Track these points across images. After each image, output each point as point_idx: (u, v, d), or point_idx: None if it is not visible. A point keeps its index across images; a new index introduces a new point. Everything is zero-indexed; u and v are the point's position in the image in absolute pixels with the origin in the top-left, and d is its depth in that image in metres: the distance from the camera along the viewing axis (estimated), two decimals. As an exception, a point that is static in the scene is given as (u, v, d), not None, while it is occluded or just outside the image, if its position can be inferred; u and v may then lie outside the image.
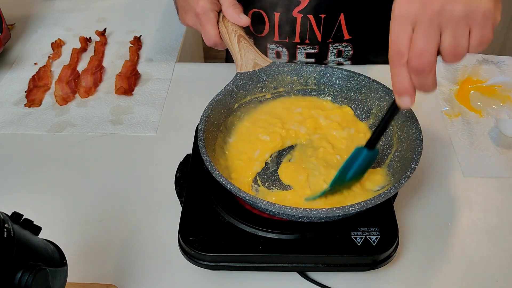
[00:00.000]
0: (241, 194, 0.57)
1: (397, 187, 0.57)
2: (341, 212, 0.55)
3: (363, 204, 0.55)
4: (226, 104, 0.71)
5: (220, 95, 0.70)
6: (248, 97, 0.74)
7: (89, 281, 0.63)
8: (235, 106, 0.73)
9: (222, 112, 0.71)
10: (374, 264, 0.59)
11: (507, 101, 0.85)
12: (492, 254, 0.65)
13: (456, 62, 0.54)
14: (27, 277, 0.40)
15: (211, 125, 0.68)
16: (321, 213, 0.54)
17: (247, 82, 0.73)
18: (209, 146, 0.65)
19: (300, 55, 0.92)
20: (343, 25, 0.86)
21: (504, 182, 0.73)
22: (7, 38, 1.01)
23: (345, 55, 0.92)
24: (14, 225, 0.42)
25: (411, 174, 0.59)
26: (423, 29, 0.50)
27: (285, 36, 0.90)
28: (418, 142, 0.63)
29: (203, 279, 0.63)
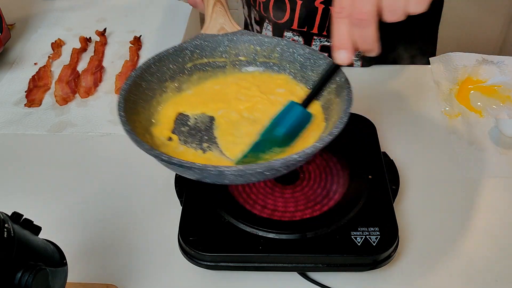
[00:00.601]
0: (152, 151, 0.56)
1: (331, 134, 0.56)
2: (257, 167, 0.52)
3: (302, 152, 0.52)
4: (178, 60, 0.71)
5: (171, 49, 0.70)
6: (205, 59, 0.72)
7: (89, 281, 0.63)
8: (188, 65, 0.72)
9: (171, 67, 0.70)
10: (374, 264, 0.59)
11: (507, 101, 0.85)
12: (492, 254, 0.65)
13: (394, 19, 0.53)
14: (27, 277, 0.40)
15: (151, 75, 0.68)
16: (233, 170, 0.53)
17: (206, 44, 0.72)
18: (140, 94, 0.66)
19: (315, 46, 0.93)
20: None
21: (504, 182, 0.73)
22: (7, 38, 1.01)
23: (357, 53, 0.92)
24: (14, 225, 0.42)
25: (345, 119, 0.58)
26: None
27: (304, 25, 0.90)
28: (347, 90, 0.62)
29: (203, 279, 0.63)
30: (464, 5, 1.60)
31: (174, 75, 0.71)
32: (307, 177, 0.67)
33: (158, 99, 0.69)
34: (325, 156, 0.70)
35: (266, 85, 0.72)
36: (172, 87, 0.71)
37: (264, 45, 0.72)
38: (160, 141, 0.65)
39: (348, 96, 0.61)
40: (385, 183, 0.65)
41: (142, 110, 0.66)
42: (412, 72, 0.93)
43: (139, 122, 0.64)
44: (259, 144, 0.60)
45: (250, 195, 0.65)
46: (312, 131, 0.64)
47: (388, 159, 0.71)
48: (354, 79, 0.91)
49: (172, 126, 0.68)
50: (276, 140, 0.60)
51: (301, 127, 0.61)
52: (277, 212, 0.63)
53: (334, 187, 0.66)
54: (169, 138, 0.66)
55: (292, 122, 0.60)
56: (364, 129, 0.73)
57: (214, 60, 0.73)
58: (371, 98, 0.87)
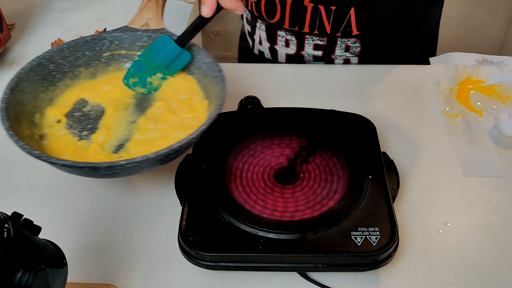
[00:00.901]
0: None
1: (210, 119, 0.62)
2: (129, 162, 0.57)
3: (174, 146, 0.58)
4: (95, 48, 0.74)
5: (89, 37, 0.74)
6: (123, 51, 0.75)
7: (89, 281, 0.63)
8: (105, 54, 0.75)
9: (86, 53, 0.74)
10: (374, 264, 0.59)
11: (507, 101, 0.85)
12: (492, 254, 0.65)
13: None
14: (27, 277, 0.40)
15: (63, 58, 0.72)
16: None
17: (126, 36, 0.75)
18: (45, 75, 0.71)
19: (308, 45, 0.93)
20: (353, 19, 0.87)
21: (504, 182, 0.73)
22: (7, 38, 1.01)
23: (352, 51, 0.92)
24: (14, 225, 0.42)
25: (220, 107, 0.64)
26: None
27: (295, 24, 0.90)
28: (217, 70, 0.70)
29: (203, 279, 0.63)
30: (464, 5, 1.60)
31: (89, 62, 0.75)
32: (307, 177, 0.67)
33: (68, 82, 0.74)
34: (325, 156, 0.70)
35: (173, 88, 0.75)
36: (86, 73, 0.75)
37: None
38: (48, 121, 0.70)
39: (220, 73, 0.69)
40: (385, 183, 0.65)
41: (43, 89, 0.71)
42: (412, 72, 0.93)
43: (34, 101, 0.69)
44: (140, 65, 0.71)
45: (250, 195, 0.65)
46: (196, 111, 0.71)
47: (388, 159, 0.71)
48: (353, 78, 0.92)
49: (69, 109, 0.72)
50: (157, 65, 0.72)
51: (181, 61, 0.72)
52: (277, 212, 0.63)
53: (334, 187, 0.66)
54: (59, 121, 0.71)
55: (168, 53, 0.71)
56: (364, 129, 0.73)
57: (132, 53, 0.76)
58: (371, 98, 0.87)
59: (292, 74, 0.93)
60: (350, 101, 0.85)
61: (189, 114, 0.71)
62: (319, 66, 0.94)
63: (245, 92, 0.79)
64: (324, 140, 0.72)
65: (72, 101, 0.74)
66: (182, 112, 0.72)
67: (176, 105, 0.73)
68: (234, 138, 0.73)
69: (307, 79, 0.92)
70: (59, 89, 0.73)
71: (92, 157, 0.66)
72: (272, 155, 0.71)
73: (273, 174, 0.68)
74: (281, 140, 0.73)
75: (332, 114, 0.76)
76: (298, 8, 0.88)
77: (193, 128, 0.62)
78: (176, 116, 0.72)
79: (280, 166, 0.69)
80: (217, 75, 0.70)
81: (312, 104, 0.78)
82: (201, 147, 0.71)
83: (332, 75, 0.92)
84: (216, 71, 0.70)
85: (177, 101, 0.74)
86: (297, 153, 0.71)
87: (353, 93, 0.88)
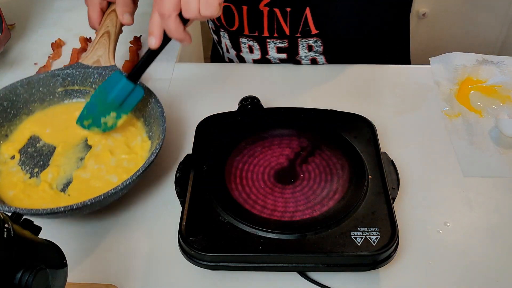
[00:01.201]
0: None
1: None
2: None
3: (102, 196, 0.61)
4: (48, 84, 0.76)
5: (42, 75, 0.75)
6: (76, 86, 0.77)
7: (89, 281, 0.63)
8: (59, 90, 0.77)
9: (40, 90, 0.76)
10: (374, 264, 0.59)
11: (507, 101, 0.85)
12: (492, 254, 0.65)
13: (191, 17, 0.63)
14: (27, 277, 0.40)
15: (17, 96, 0.74)
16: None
17: (77, 73, 0.77)
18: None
19: (271, 49, 0.93)
20: (310, 19, 0.86)
21: (504, 182, 0.73)
22: (7, 38, 1.01)
23: (316, 50, 0.92)
24: (14, 225, 0.42)
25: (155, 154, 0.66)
26: None
27: (254, 29, 0.90)
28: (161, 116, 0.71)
29: (203, 279, 0.63)
30: (464, 5, 1.60)
31: (43, 98, 0.77)
32: (307, 177, 0.67)
33: (22, 117, 0.76)
34: (325, 156, 0.70)
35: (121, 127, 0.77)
36: (40, 108, 0.77)
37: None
38: (3, 157, 0.72)
39: (162, 114, 0.71)
40: (385, 183, 0.65)
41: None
42: (412, 72, 0.93)
43: None
44: (93, 106, 0.71)
45: (250, 195, 0.65)
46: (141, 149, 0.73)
47: (388, 159, 0.71)
48: (353, 78, 0.91)
49: (23, 145, 0.74)
50: (109, 104, 0.72)
51: (134, 98, 0.73)
52: (277, 212, 0.63)
53: (334, 187, 0.66)
54: (13, 156, 0.72)
55: (120, 90, 0.71)
56: (364, 129, 0.74)
57: (85, 88, 0.78)
58: (370, 98, 0.87)
59: (292, 74, 0.93)
60: (350, 101, 0.85)
61: (126, 155, 0.72)
62: (319, 66, 0.94)
63: (245, 92, 0.79)
64: (324, 140, 0.72)
65: (26, 136, 0.75)
66: (119, 152, 0.73)
67: (113, 144, 0.74)
68: (234, 138, 0.73)
69: (307, 79, 0.92)
70: (14, 124, 0.75)
71: (39, 196, 0.68)
72: (272, 155, 0.71)
73: (273, 174, 0.68)
74: (281, 140, 0.73)
75: (332, 114, 0.76)
76: (254, 13, 0.88)
77: (128, 173, 0.65)
78: (114, 156, 0.73)
79: (280, 166, 0.69)
80: (159, 116, 0.72)
81: (312, 104, 0.78)
82: (201, 147, 0.71)
83: (332, 75, 0.92)
84: (159, 112, 0.72)
85: (114, 140, 0.75)
86: (297, 153, 0.71)
87: (353, 93, 0.88)
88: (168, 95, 0.90)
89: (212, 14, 0.62)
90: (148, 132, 0.75)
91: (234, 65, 0.96)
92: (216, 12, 0.62)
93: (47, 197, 0.68)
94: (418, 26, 1.67)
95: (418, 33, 1.68)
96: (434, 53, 0.95)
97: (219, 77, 0.93)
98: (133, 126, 0.77)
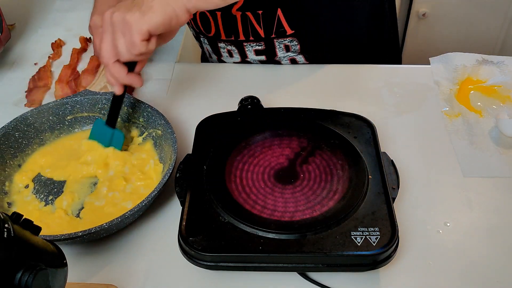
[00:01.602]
0: None
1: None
2: None
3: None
4: (58, 113, 0.78)
5: (51, 103, 0.77)
6: (85, 113, 0.79)
7: (89, 281, 0.63)
8: (68, 117, 0.79)
9: (50, 118, 0.77)
10: (374, 264, 0.59)
11: (507, 101, 0.85)
12: (492, 254, 0.65)
13: (125, 60, 0.67)
14: (27, 277, 0.40)
15: (28, 126, 0.76)
16: None
17: (86, 100, 0.78)
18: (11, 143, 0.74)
19: (249, 52, 0.93)
20: (283, 19, 0.87)
21: (504, 182, 0.73)
22: (7, 38, 1.01)
23: (293, 49, 0.92)
24: (14, 225, 0.42)
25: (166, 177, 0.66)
26: (102, 34, 0.67)
27: (231, 34, 0.91)
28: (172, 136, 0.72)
29: (203, 279, 0.63)
30: (464, 5, 1.60)
31: (53, 126, 0.78)
32: (307, 177, 0.67)
33: (34, 147, 0.77)
34: (325, 156, 0.70)
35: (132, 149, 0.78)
36: (51, 138, 0.78)
37: (135, 108, 0.78)
38: (17, 187, 0.73)
39: (172, 135, 0.72)
40: (385, 183, 0.65)
41: (10, 157, 0.73)
42: (412, 72, 0.93)
43: (3, 170, 0.72)
44: None
45: (250, 195, 0.65)
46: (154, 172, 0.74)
47: (388, 159, 0.71)
48: (353, 78, 0.91)
49: (36, 174, 0.75)
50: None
51: (117, 140, 0.75)
52: (277, 212, 0.63)
53: (334, 187, 0.66)
54: (27, 186, 0.73)
55: (104, 134, 0.75)
56: (364, 129, 0.74)
57: (94, 114, 0.80)
58: (370, 98, 0.87)
59: (292, 74, 0.93)
60: (350, 101, 0.85)
61: (142, 182, 0.72)
62: (319, 66, 0.94)
63: (245, 92, 0.79)
64: (324, 141, 0.72)
65: (39, 166, 0.76)
66: (135, 179, 0.73)
67: (129, 170, 0.75)
68: (234, 138, 0.73)
69: (307, 79, 0.92)
70: (26, 154, 0.76)
71: (56, 223, 0.68)
72: (272, 155, 0.70)
73: (273, 174, 0.68)
74: (281, 140, 0.73)
75: (332, 114, 0.76)
76: (228, 18, 0.88)
77: (142, 198, 0.65)
78: (129, 183, 0.73)
79: (280, 166, 0.69)
80: (169, 137, 0.72)
81: (312, 104, 0.78)
82: (201, 147, 0.71)
83: (332, 75, 0.92)
84: (169, 133, 0.72)
85: (130, 165, 0.75)
86: (297, 153, 0.71)
87: (353, 93, 0.88)
88: (168, 95, 0.90)
89: (140, 51, 0.65)
90: (159, 153, 0.76)
91: (234, 65, 0.96)
92: (144, 48, 0.65)
93: (64, 223, 0.68)
94: (418, 26, 1.67)
95: (418, 33, 1.68)
96: (434, 53, 0.95)
97: (219, 77, 0.93)
98: (144, 151, 0.77)
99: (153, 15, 0.64)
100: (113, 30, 0.66)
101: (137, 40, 0.64)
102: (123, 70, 0.69)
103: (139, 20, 0.64)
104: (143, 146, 0.78)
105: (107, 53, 0.67)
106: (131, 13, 0.64)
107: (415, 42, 1.71)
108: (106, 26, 0.66)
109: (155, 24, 0.64)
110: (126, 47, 0.65)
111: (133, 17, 0.64)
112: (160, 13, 0.64)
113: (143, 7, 0.64)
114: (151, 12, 0.64)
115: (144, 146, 0.78)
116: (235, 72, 0.94)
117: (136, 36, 0.64)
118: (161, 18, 0.64)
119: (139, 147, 0.78)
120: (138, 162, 0.75)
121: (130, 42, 0.65)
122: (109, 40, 0.66)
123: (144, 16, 0.64)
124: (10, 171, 0.73)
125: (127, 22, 0.64)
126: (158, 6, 0.64)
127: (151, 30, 0.64)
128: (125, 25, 0.64)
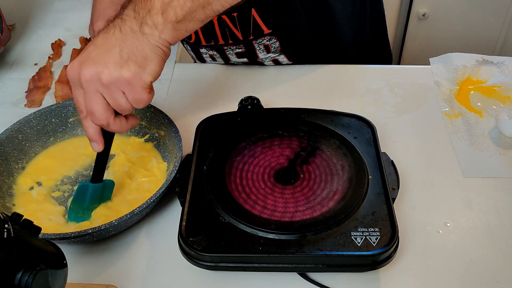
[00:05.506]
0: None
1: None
2: None
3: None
4: (60, 115, 0.78)
5: (53, 106, 0.77)
6: None
7: (89, 281, 0.63)
8: (70, 119, 0.79)
9: (53, 121, 0.77)
10: (374, 264, 0.59)
11: (507, 101, 0.85)
12: (492, 254, 0.65)
13: (128, 113, 0.63)
14: (27, 278, 0.40)
15: (31, 128, 0.75)
16: None
17: None
18: (15, 145, 0.74)
19: (231, 55, 0.93)
20: (258, 20, 0.86)
21: (504, 182, 0.73)
22: (7, 38, 1.01)
23: (274, 49, 0.91)
24: (14, 226, 0.42)
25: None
26: (86, 94, 0.60)
27: (210, 39, 0.91)
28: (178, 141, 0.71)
29: (203, 279, 0.63)
30: (464, 5, 1.60)
31: (56, 128, 0.78)
32: (307, 177, 0.67)
33: (37, 149, 0.77)
34: (325, 156, 0.70)
35: (132, 148, 0.78)
36: (53, 141, 0.78)
37: (136, 111, 0.76)
38: (21, 189, 0.72)
39: (177, 134, 0.71)
40: (385, 184, 0.65)
41: (13, 159, 0.73)
42: (412, 73, 0.93)
43: (5, 171, 0.71)
44: (75, 211, 0.69)
45: (250, 195, 0.65)
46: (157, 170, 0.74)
47: (388, 160, 0.71)
48: (352, 78, 0.91)
49: (40, 176, 0.74)
50: (89, 207, 0.69)
51: (108, 190, 0.71)
52: (277, 212, 0.63)
53: (334, 187, 0.66)
54: (31, 187, 0.73)
55: (92, 193, 0.69)
56: (364, 129, 0.74)
57: None
58: (370, 98, 0.87)
59: (292, 74, 0.93)
60: (350, 101, 0.85)
61: (146, 178, 0.73)
62: (319, 66, 0.94)
63: (245, 92, 0.79)
64: (324, 141, 0.72)
65: (42, 167, 0.76)
66: (139, 176, 0.73)
67: (129, 168, 0.75)
68: (234, 138, 0.73)
69: (307, 80, 0.92)
70: (29, 156, 0.76)
71: (61, 223, 0.68)
72: (272, 156, 0.71)
73: (273, 175, 0.68)
74: (281, 141, 0.73)
75: (332, 114, 0.76)
76: (205, 24, 0.88)
77: (151, 192, 0.66)
78: (134, 180, 0.73)
79: (280, 166, 0.69)
80: (174, 135, 0.72)
81: (312, 105, 0.78)
82: (201, 147, 0.71)
83: (332, 75, 0.92)
84: (174, 132, 0.72)
85: (130, 164, 0.76)
86: (297, 154, 0.71)
87: (353, 93, 0.88)
88: (168, 95, 0.90)
89: (146, 103, 0.61)
90: (162, 153, 0.76)
91: (234, 65, 0.96)
92: (149, 99, 0.61)
93: (69, 224, 0.68)
94: (418, 26, 1.67)
95: (418, 33, 1.68)
96: (434, 53, 0.95)
97: (219, 77, 0.93)
98: (144, 150, 0.78)
99: (152, 65, 0.59)
100: (107, 91, 0.60)
101: (145, 96, 0.60)
102: (123, 121, 0.64)
103: (140, 74, 0.59)
104: (144, 146, 0.78)
105: (103, 114, 0.61)
106: (127, 69, 0.58)
107: (415, 42, 1.71)
108: (88, 86, 0.59)
109: (157, 74, 0.61)
110: (132, 103, 0.61)
111: (131, 73, 0.58)
112: (156, 60, 0.60)
113: (137, 59, 0.59)
114: (149, 61, 0.59)
115: (145, 146, 0.78)
116: (235, 72, 0.94)
117: (142, 92, 0.60)
118: (159, 65, 0.60)
119: (139, 145, 0.78)
120: (138, 160, 0.76)
121: (136, 99, 0.60)
122: (100, 100, 0.60)
123: (144, 70, 0.59)
124: (14, 174, 0.73)
125: (126, 80, 0.58)
126: (151, 53, 0.59)
127: (154, 80, 0.61)
128: (123, 83, 0.59)
